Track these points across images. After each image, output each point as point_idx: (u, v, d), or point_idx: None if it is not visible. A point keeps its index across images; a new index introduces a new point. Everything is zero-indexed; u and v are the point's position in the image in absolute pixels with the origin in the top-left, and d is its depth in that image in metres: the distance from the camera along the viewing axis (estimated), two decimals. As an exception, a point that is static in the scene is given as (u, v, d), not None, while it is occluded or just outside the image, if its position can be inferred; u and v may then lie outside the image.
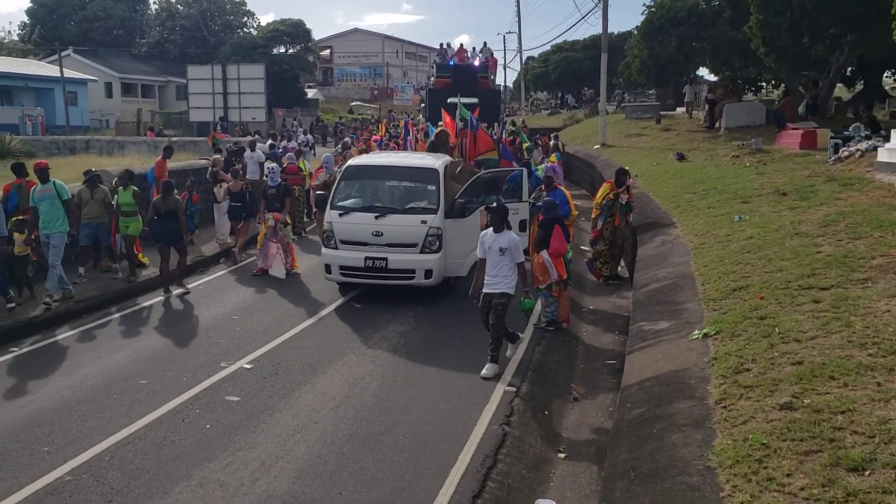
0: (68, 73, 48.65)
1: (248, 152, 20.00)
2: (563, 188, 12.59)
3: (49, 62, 54.36)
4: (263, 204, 13.15)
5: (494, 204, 8.63)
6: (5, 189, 11.52)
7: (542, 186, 12.37)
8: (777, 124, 20.55)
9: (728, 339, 6.73)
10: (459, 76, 30.04)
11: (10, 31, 78.64)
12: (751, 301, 7.49)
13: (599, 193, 12.74)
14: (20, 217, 10.99)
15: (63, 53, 50.01)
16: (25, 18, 70.91)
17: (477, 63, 33.65)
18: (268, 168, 13.35)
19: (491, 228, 8.52)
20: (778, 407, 5.10)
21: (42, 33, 66.12)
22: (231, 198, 14.85)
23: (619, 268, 12.94)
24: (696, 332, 7.19)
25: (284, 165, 17.52)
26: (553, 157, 19.87)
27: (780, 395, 5.26)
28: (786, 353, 6.00)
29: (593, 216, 12.76)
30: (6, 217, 10.37)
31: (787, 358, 5.88)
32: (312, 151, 30.53)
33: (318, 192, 14.84)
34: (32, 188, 10.91)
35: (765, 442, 4.69)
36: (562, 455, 6.73)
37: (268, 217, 12.92)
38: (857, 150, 14.12)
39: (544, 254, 9.88)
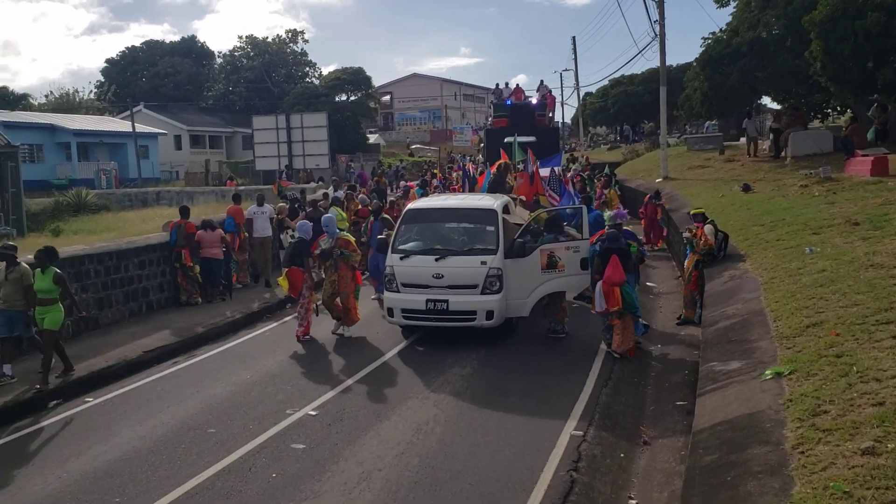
0: (140, 128, 50.71)
1: (254, 207, 17.37)
2: (630, 230, 12.14)
3: (122, 118, 56.85)
4: (318, 262, 12.43)
5: None
6: (169, 227, 14.79)
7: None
8: (845, 151, 19.97)
9: (803, 379, 6.46)
10: (517, 115, 30.18)
11: (87, 90, 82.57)
12: (826, 338, 7.20)
13: None
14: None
15: (135, 109, 52.25)
16: (98, 77, 74.63)
17: (534, 101, 33.79)
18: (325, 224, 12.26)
19: None
20: (860, 452, 4.85)
21: (116, 91, 69.28)
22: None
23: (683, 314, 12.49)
24: (769, 371, 6.93)
25: (359, 208, 17.93)
26: (612, 192, 19.70)
27: (861, 439, 5.00)
28: (865, 393, 5.72)
29: None
30: None
31: (867, 398, 5.61)
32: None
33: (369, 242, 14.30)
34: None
35: (847, 490, 4.45)
36: (633, 502, 6.52)
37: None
38: (933, 175, 13.59)
39: (599, 283, 10.24)
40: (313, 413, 8.60)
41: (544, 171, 15.70)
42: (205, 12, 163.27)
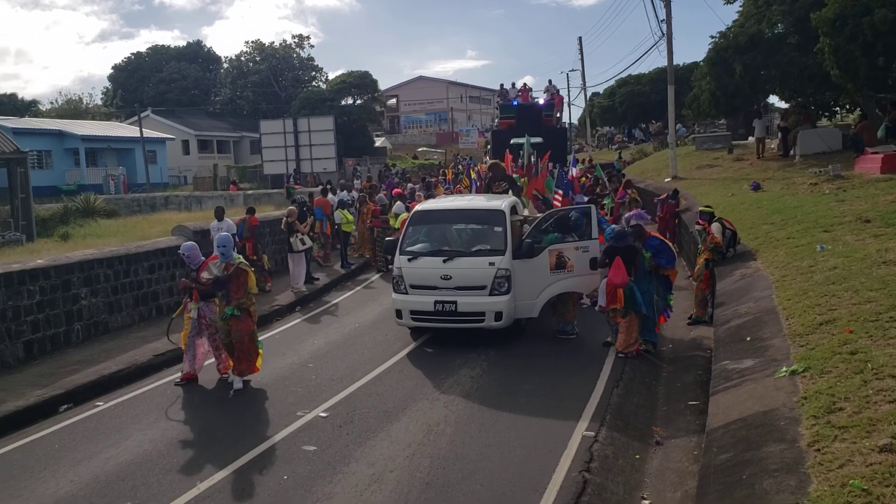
0: (147, 133, 50.91)
1: (214, 222, 15.64)
2: (658, 236, 11.32)
3: (129, 123, 57.06)
4: (195, 293, 9.95)
5: None
6: (236, 222, 15.85)
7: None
8: (855, 149, 19.86)
9: (817, 376, 6.40)
10: (524, 116, 29.99)
11: (91, 96, 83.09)
12: (839, 335, 7.14)
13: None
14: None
15: (142, 114, 52.46)
16: (108, 84, 74.90)
17: (542, 101, 33.63)
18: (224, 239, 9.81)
19: None
20: (877, 449, 4.79)
21: (123, 97, 69.61)
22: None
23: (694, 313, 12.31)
24: (783, 369, 6.87)
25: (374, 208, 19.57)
26: (634, 192, 19.54)
27: (878, 436, 4.94)
28: (881, 390, 5.66)
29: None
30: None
31: (883, 395, 5.55)
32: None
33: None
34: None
35: (865, 488, 4.40)
36: (646, 502, 6.46)
37: (191, 308, 10.01)
38: (945, 171, 13.48)
39: (603, 282, 10.38)
40: (324, 415, 8.58)
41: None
42: (214, 18, 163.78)
